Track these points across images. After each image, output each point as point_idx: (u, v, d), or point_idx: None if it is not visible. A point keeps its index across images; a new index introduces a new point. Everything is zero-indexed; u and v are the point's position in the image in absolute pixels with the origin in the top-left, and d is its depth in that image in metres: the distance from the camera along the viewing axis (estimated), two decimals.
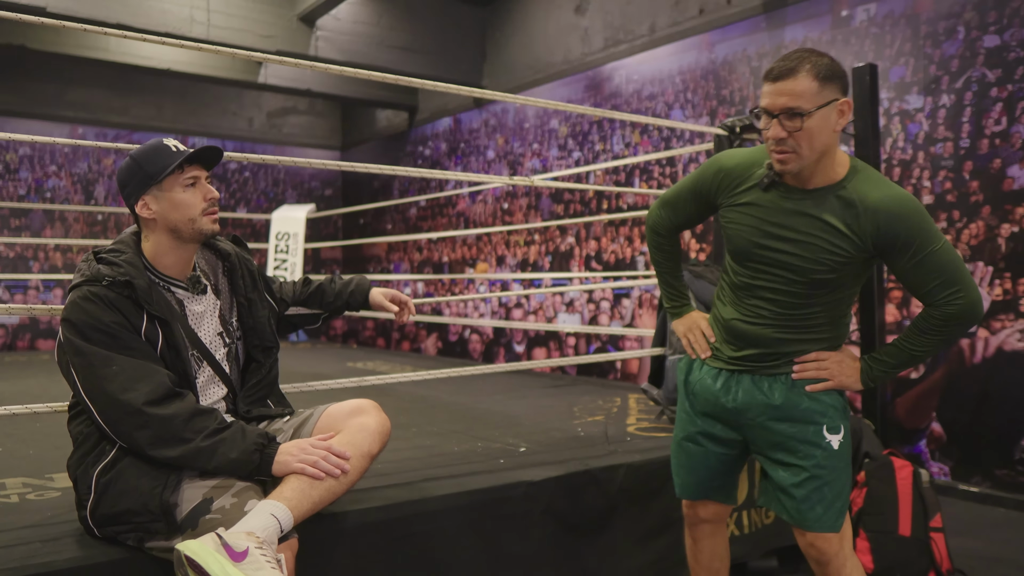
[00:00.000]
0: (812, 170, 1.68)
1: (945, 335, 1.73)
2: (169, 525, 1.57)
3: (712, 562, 2.07)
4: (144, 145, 1.79)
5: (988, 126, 3.80)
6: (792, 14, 4.64)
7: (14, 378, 4.80)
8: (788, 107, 1.60)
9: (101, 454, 1.65)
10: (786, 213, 1.72)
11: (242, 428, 1.66)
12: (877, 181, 1.69)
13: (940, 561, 2.79)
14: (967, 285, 1.68)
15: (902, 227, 1.63)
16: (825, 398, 1.82)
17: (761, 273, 1.79)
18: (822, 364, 1.80)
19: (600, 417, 3.22)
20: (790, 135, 1.61)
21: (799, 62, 1.61)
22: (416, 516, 1.96)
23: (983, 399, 3.80)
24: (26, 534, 1.70)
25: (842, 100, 1.63)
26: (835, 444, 1.80)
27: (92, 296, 1.64)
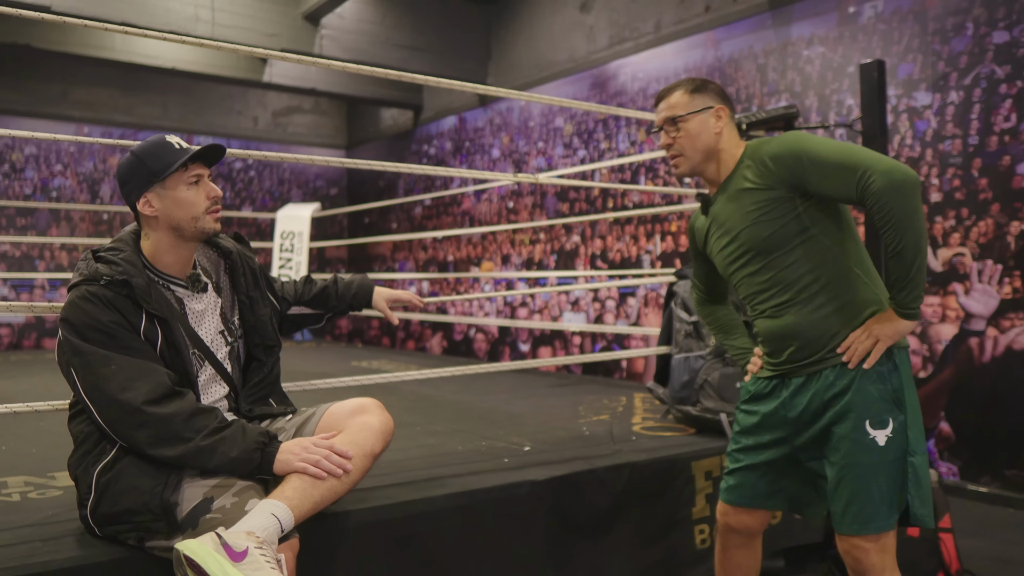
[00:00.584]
0: (711, 167, 1.92)
1: (894, 214, 1.64)
2: (170, 525, 1.56)
3: (737, 572, 2.01)
4: (146, 141, 1.77)
5: (997, 123, 3.77)
6: (799, 11, 4.61)
7: (19, 376, 4.81)
8: (667, 117, 1.93)
9: (101, 453, 1.63)
10: (722, 212, 1.91)
11: (243, 427, 1.64)
12: (761, 141, 1.87)
13: (949, 562, 2.76)
14: (870, 160, 1.67)
15: (787, 154, 1.77)
16: (868, 387, 1.74)
17: (740, 273, 1.89)
18: (861, 335, 1.75)
19: (605, 416, 3.20)
20: (675, 140, 1.91)
21: (673, 85, 1.96)
22: (420, 516, 1.94)
23: (992, 398, 3.76)
24: (27, 533, 1.69)
25: (716, 107, 1.89)
26: (880, 440, 1.72)
27: (90, 295, 1.62)
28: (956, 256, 3.90)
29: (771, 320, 1.85)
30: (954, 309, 3.91)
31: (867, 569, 1.73)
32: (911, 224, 1.65)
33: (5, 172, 7.47)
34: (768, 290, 1.83)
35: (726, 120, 1.90)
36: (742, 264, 1.87)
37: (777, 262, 1.80)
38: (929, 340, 3.99)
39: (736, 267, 1.89)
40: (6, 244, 7.35)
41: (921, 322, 4.01)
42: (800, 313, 1.80)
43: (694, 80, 1.94)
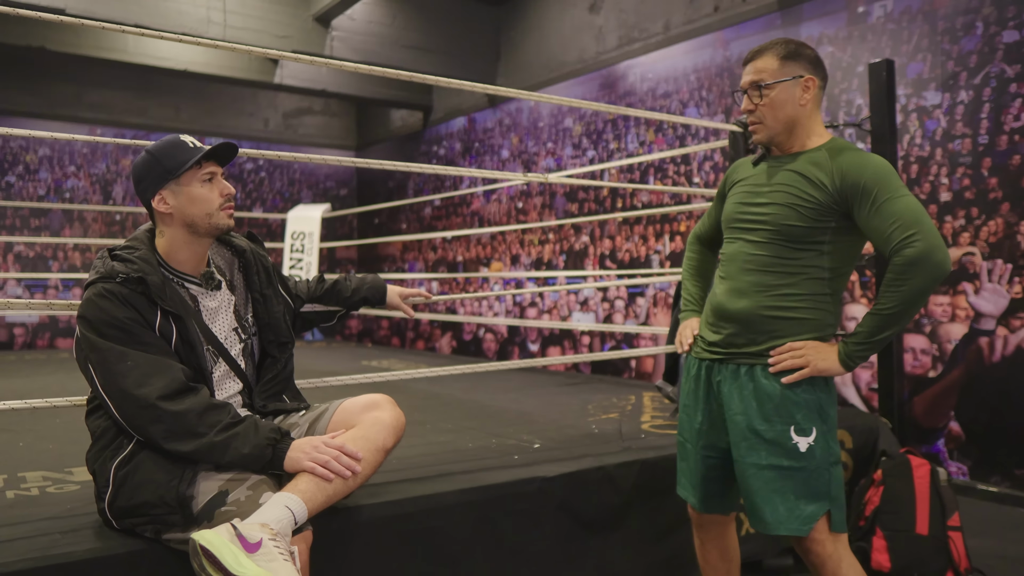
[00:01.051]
0: (788, 140, 1.86)
1: (908, 286, 1.67)
2: (185, 517, 1.59)
3: (720, 563, 2.06)
4: (161, 140, 1.80)
5: (1007, 122, 3.76)
6: (808, 11, 4.61)
7: (34, 375, 4.86)
8: (753, 81, 1.85)
9: (119, 448, 1.67)
10: (768, 176, 1.88)
11: (255, 423, 1.67)
12: (852, 148, 1.83)
13: (958, 560, 2.77)
14: (926, 229, 1.68)
15: (865, 175, 1.74)
16: (798, 396, 1.78)
17: (742, 234, 1.89)
18: (797, 352, 1.78)
19: (614, 415, 3.22)
20: (756, 106, 1.85)
21: (767, 45, 1.86)
22: (431, 511, 1.96)
23: (1002, 398, 3.76)
24: (46, 525, 1.72)
25: (806, 77, 1.82)
26: (802, 447, 1.76)
27: (107, 293, 1.65)
28: (966, 255, 3.90)
29: (729, 295, 1.87)
30: (964, 308, 3.91)
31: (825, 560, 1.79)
32: (915, 301, 1.69)
33: (19, 173, 7.55)
34: (751, 263, 1.85)
35: (814, 92, 1.83)
36: (750, 229, 1.86)
37: (778, 250, 1.81)
38: (939, 339, 3.99)
39: (742, 228, 1.89)
40: (20, 244, 7.43)
41: (929, 321, 4.01)
42: (759, 301, 1.82)
43: (789, 43, 1.85)
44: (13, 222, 7.50)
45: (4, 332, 7.37)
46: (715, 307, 1.92)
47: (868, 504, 2.83)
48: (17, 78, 7.42)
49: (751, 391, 1.81)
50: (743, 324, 1.84)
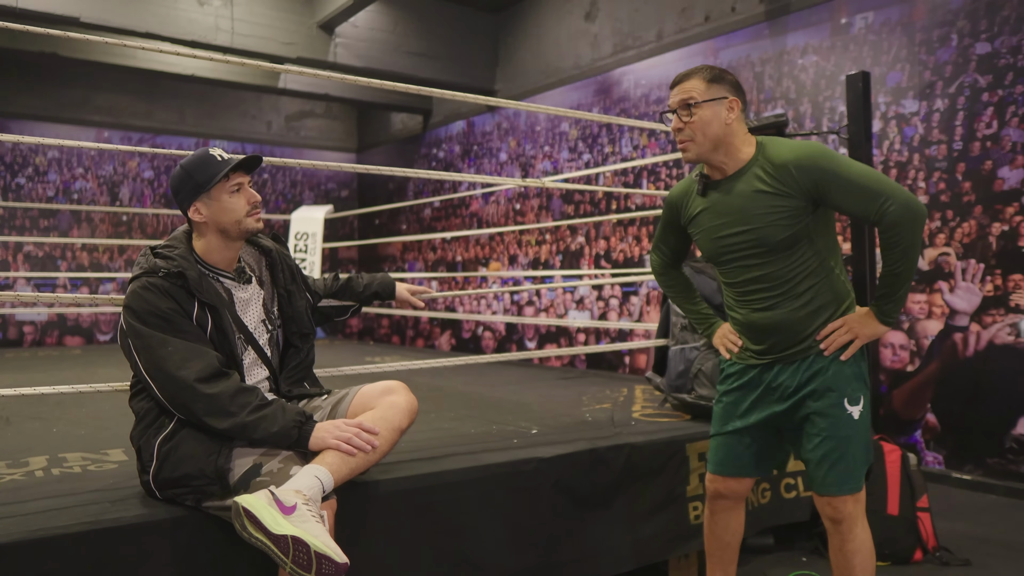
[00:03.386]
0: (722, 160, 2.00)
1: (901, 244, 1.88)
2: (223, 488, 1.78)
3: (725, 534, 2.24)
4: (193, 155, 1.99)
5: (980, 129, 3.98)
6: (793, 21, 4.82)
7: (51, 370, 5.04)
8: (682, 100, 1.97)
9: (161, 426, 1.85)
10: (726, 202, 2.01)
11: (282, 406, 1.86)
12: (780, 143, 1.98)
13: (926, 539, 2.98)
14: (892, 190, 1.87)
15: (814, 169, 1.89)
16: (845, 370, 1.99)
17: (735, 263, 2.04)
18: (842, 329, 1.99)
19: (607, 404, 3.42)
20: (686, 124, 1.97)
21: (692, 70, 2.00)
22: (438, 486, 2.16)
23: (975, 391, 3.97)
24: (95, 496, 1.91)
25: (730, 98, 1.96)
26: (855, 414, 1.98)
27: (150, 286, 1.85)
28: (941, 255, 4.11)
29: (759, 313, 2.05)
30: (939, 306, 4.12)
31: (845, 518, 1.99)
32: (913, 252, 1.90)
33: (29, 175, 7.73)
34: (762, 284, 2.02)
35: (737, 112, 1.97)
36: (743, 256, 2.01)
37: (778, 261, 1.98)
38: (916, 335, 4.20)
39: (734, 257, 2.02)
40: (30, 244, 7.61)
41: (908, 318, 4.22)
42: (788, 308, 2.01)
43: (712, 68, 1.99)
44: (23, 222, 7.69)
45: (14, 330, 7.54)
46: (749, 326, 2.09)
47: None
48: (27, 82, 7.60)
49: (806, 377, 2.01)
50: (781, 331, 2.03)
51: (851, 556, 2.00)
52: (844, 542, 2.01)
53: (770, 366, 2.07)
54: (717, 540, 2.25)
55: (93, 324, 7.87)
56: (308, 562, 1.52)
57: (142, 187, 8.32)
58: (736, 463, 2.15)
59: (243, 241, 2.03)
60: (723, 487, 2.19)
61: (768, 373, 2.08)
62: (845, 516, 1.99)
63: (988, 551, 3.06)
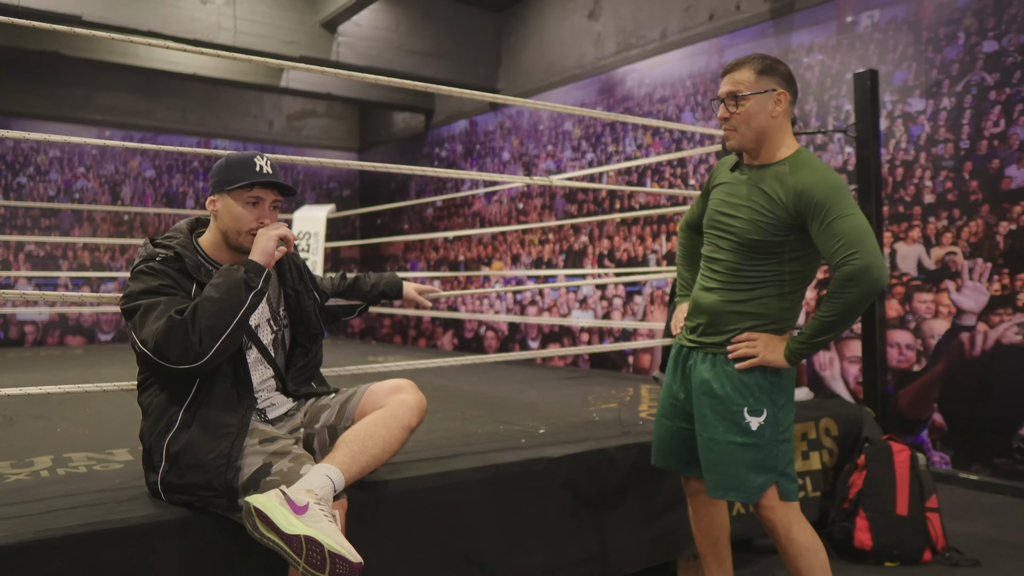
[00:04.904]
0: (758, 149, 2.02)
1: (846, 299, 1.87)
2: (230, 502, 1.75)
3: (711, 530, 2.27)
4: (242, 153, 1.98)
5: (987, 128, 3.96)
6: (799, 20, 4.80)
7: (53, 370, 5.02)
8: (730, 91, 1.99)
9: (169, 425, 1.82)
10: (740, 185, 2.06)
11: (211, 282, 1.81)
12: (812, 164, 1.98)
13: (935, 539, 2.96)
14: (867, 249, 1.85)
15: (817, 193, 1.90)
16: (751, 381, 2.00)
17: (715, 239, 2.10)
18: (752, 343, 2.01)
19: (614, 404, 3.40)
20: (732, 115, 1.99)
21: (744, 59, 2.01)
22: (447, 486, 2.14)
23: (982, 391, 3.95)
24: (102, 496, 1.90)
25: (778, 91, 1.97)
26: (754, 425, 1.99)
27: (148, 269, 1.84)
28: (948, 255, 4.10)
29: (702, 292, 2.11)
30: (946, 305, 4.10)
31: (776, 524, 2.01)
32: (851, 313, 1.90)
33: (30, 174, 7.71)
34: (719, 267, 2.07)
35: (785, 105, 1.98)
36: (721, 237, 2.07)
37: (743, 258, 2.02)
38: (923, 335, 4.18)
39: (714, 233, 2.10)
40: (31, 244, 7.59)
41: (914, 317, 4.21)
42: (724, 297, 2.05)
43: (764, 59, 2.00)
44: (24, 222, 7.67)
45: (15, 329, 7.53)
46: (692, 299, 2.17)
47: (852, 487, 3.02)
48: (29, 81, 7.59)
49: (713, 375, 2.04)
50: (710, 316, 2.07)
51: (795, 560, 2.02)
52: (784, 548, 2.03)
53: (693, 351, 2.12)
54: (705, 537, 2.28)
55: (94, 324, 7.85)
56: (322, 562, 1.50)
57: (143, 186, 8.30)
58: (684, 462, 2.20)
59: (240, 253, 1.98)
60: (688, 486, 2.26)
61: (690, 359, 2.14)
62: (776, 523, 2.01)
63: (998, 552, 3.04)
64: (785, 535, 2.00)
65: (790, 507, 2.02)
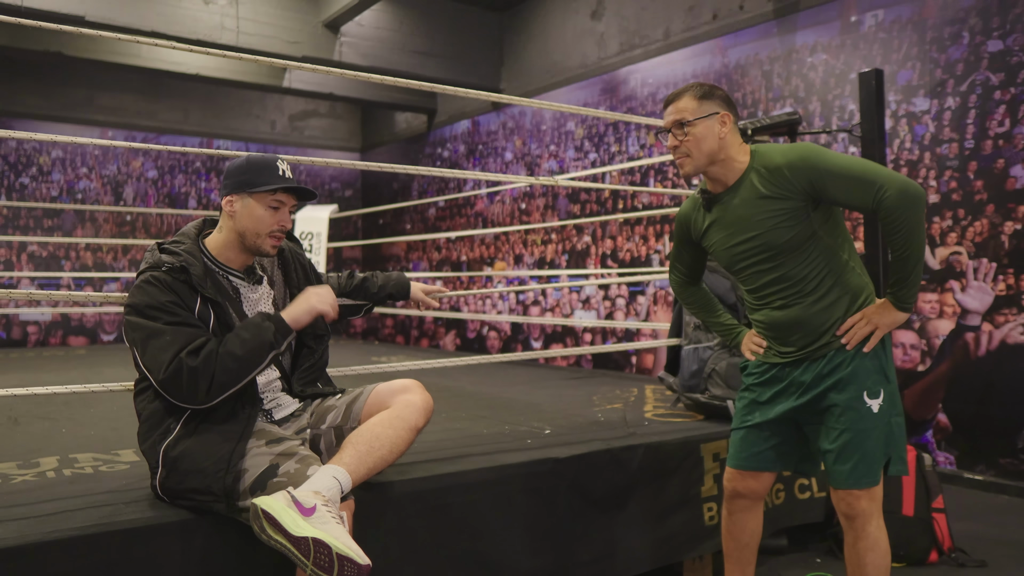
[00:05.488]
0: (715, 170, 2.05)
1: (904, 226, 1.88)
2: (229, 507, 1.75)
3: (742, 535, 2.22)
4: (261, 155, 1.98)
5: (992, 128, 3.95)
6: (803, 19, 4.80)
7: (57, 370, 5.03)
8: (676, 120, 2.04)
9: (167, 432, 1.81)
10: (731, 212, 2.05)
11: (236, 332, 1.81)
12: (771, 149, 2.01)
13: (942, 540, 2.95)
14: (885, 177, 1.88)
15: (804, 165, 1.92)
16: (866, 364, 1.99)
17: (749, 269, 2.07)
18: (861, 322, 1.99)
19: (619, 405, 3.39)
20: (681, 142, 2.03)
21: (682, 89, 2.07)
22: (453, 487, 2.14)
23: (987, 391, 3.94)
24: (107, 497, 1.89)
25: (722, 113, 2.02)
26: (874, 408, 1.98)
27: (153, 280, 1.83)
28: (953, 255, 4.09)
29: (778, 311, 2.06)
30: (951, 305, 4.09)
31: (859, 514, 1.98)
32: (917, 234, 1.90)
33: (33, 175, 7.72)
34: (777, 285, 2.04)
35: (730, 126, 2.03)
36: (756, 262, 2.05)
37: (789, 261, 2.01)
38: (927, 335, 4.17)
39: (747, 264, 2.07)
40: (34, 244, 7.60)
41: (918, 317, 4.20)
42: (806, 305, 2.02)
43: (702, 85, 2.06)
44: (27, 222, 7.67)
45: (18, 330, 7.53)
46: (771, 325, 2.10)
47: None
48: (31, 82, 7.59)
49: (827, 371, 2.01)
50: (801, 327, 2.03)
51: (863, 554, 2.00)
52: (857, 539, 2.00)
53: (795, 364, 2.08)
54: (735, 541, 2.23)
55: (97, 324, 7.85)
56: (330, 564, 1.49)
57: (146, 187, 8.30)
58: (756, 458, 2.15)
59: (254, 255, 1.99)
60: (741, 485, 2.18)
61: (791, 370, 2.08)
62: (859, 512, 1.98)
63: (1004, 552, 3.03)
64: (863, 526, 1.98)
65: (875, 499, 1.99)
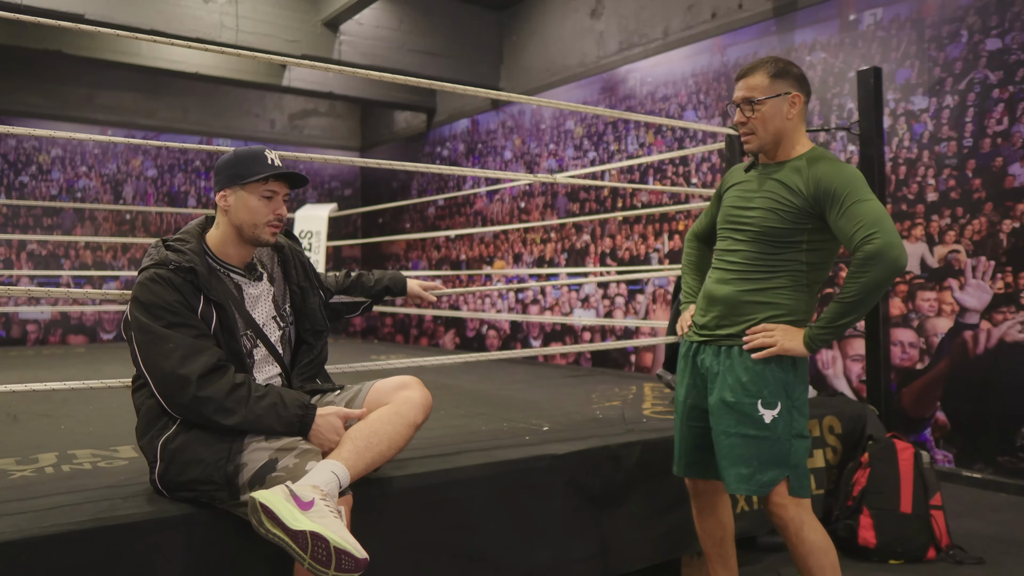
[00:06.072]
0: (775, 149, 2.06)
1: (866, 278, 1.87)
2: (231, 494, 1.75)
3: (716, 530, 2.26)
4: (248, 147, 1.99)
5: (990, 126, 3.95)
6: (801, 18, 4.80)
7: (56, 368, 5.03)
8: (745, 97, 2.03)
9: (165, 427, 1.82)
10: (756, 181, 2.09)
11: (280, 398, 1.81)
12: (828, 157, 2.02)
13: (939, 537, 2.95)
14: (886, 230, 1.87)
15: (836, 181, 1.94)
16: (767, 374, 1.99)
17: (731, 232, 2.10)
18: (769, 332, 2.00)
19: (617, 402, 3.40)
20: (748, 119, 2.03)
21: (757, 63, 2.05)
22: (451, 483, 2.14)
23: (986, 389, 3.95)
24: (106, 492, 1.90)
25: (792, 94, 2.01)
26: (767, 418, 1.99)
27: (158, 277, 1.83)
28: (951, 253, 4.09)
29: (716, 284, 2.11)
30: (949, 303, 4.10)
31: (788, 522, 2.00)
32: (872, 294, 1.89)
33: (32, 173, 7.72)
34: (735, 258, 2.07)
35: (800, 107, 2.03)
36: (738, 231, 2.08)
37: (761, 248, 2.03)
38: (925, 333, 4.18)
39: (732, 229, 2.10)
40: (33, 243, 7.60)
41: (917, 316, 4.20)
42: (741, 287, 2.05)
43: (777, 62, 2.04)
44: (26, 221, 7.67)
45: (17, 328, 7.53)
46: (705, 293, 2.16)
47: (856, 485, 3.02)
48: (31, 81, 7.60)
49: (728, 367, 2.04)
50: (726, 307, 2.06)
51: (805, 558, 2.00)
52: (795, 547, 2.01)
53: (704, 345, 2.11)
54: (709, 537, 2.27)
55: (96, 323, 7.85)
56: (327, 558, 1.50)
57: (145, 186, 8.30)
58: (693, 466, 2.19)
59: (254, 246, 2.00)
60: (693, 487, 2.24)
61: (700, 353, 2.12)
62: (787, 520, 2.00)
63: (1002, 549, 3.04)
64: (796, 533, 1.99)
65: (801, 504, 2.00)
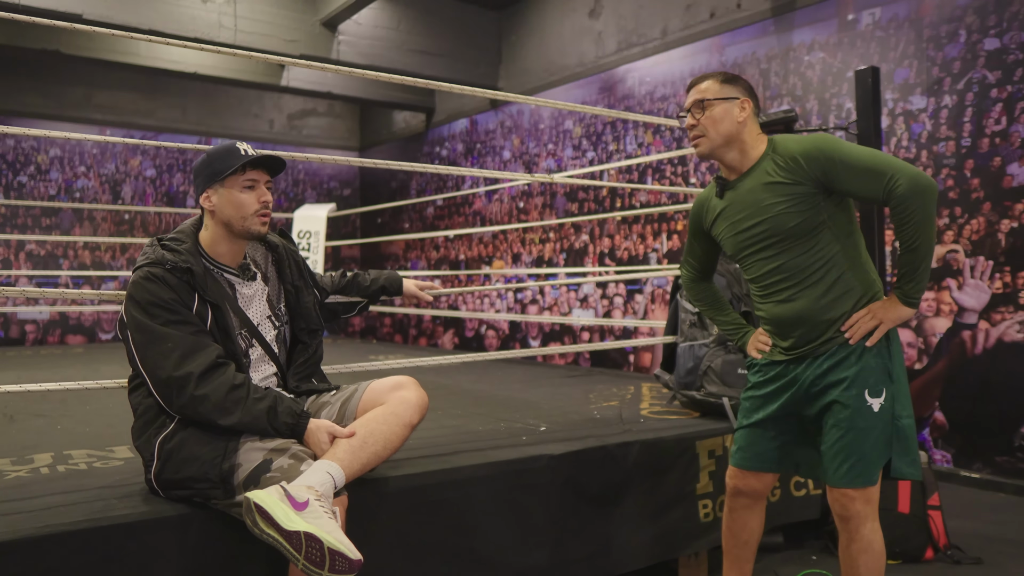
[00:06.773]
0: (730, 155, 2.07)
1: (915, 217, 1.87)
2: (227, 492, 1.75)
3: (743, 532, 2.21)
4: (219, 145, 1.99)
5: (988, 126, 3.95)
6: (800, 18, 4.80)
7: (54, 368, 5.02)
8: (697, 100, 2.08)
9: (162, 426, 1.82)
10: (741, 198, 2.07)
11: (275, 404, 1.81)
12: (788, 139, 2.03)
13: (937, 537, 2.95)
14: (897, 167, 1.88)
15: (820, 155, 1.94)
16: (870, 361, 1.97)
17: (755, 256, 2.07)
18: (866, 316, 1.97)
19: (615, 402, 3.39)
20: (699, 121, 2.07)
21: (708, 73, 2.13)
22: (448, 483, 2.14)
23: (984, 389, 3.94)
24: (102, 492, 1.89)
25: (742, 99, 2.05)
26: (875, 407, 1.96)
27: (154, 276, 1.82)
28: (950, 253, 4.09)
29: (781, 305, 2.05)
30: (948, 303, 4.09)
31: (853, 515, 1.97)
32: (927, 226, 1.89)
33: (31, 173, 7.71)
34: (781, 274, 2.03)
35: (749, 113, 2.05)
36: (759, 249, 2.04)
37: (795, 248, 2.00)
38: (924, 333, 4.18)
39: (752, 251, 2.06)
40: (32, 243, 7.59)
41: (916, 315, 4.20)
42: (809, 298, 2.00)
43: (727, 73, 2.12)
44: (25, 221, 7.67)
45: (16, 328, 7.53)
46: (774, 321, 2.08)
47: None
48: (30, 80, 7.59)
49: (829, 367, 1.99)
50: (807, 324, 2.01)
51: (856, 556, 1.98)
52: (850, 541, 1.99)
53: (797, 361, 2.06)
54: (735, 538, 2.23)
55: (95, 323, 7.85)
56: (321, 558, 1.49)
57: (144, 186, 8.30)
58: (758, 457, 2.14)
59: (247, 240, 2.00)
60: (743, 483, 2.17)
61: (794, 367, 2.07)
62: (853, 514, 1.97)
63: (999, 549, 3.03)
64: (857, 528, 1.96)
65: (871, 501, 1.97)
